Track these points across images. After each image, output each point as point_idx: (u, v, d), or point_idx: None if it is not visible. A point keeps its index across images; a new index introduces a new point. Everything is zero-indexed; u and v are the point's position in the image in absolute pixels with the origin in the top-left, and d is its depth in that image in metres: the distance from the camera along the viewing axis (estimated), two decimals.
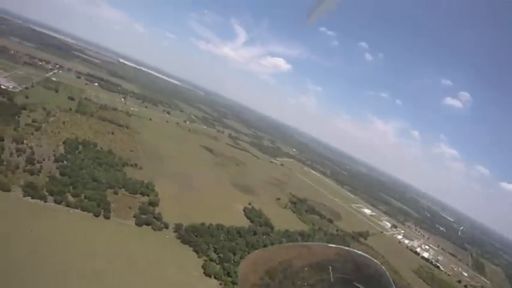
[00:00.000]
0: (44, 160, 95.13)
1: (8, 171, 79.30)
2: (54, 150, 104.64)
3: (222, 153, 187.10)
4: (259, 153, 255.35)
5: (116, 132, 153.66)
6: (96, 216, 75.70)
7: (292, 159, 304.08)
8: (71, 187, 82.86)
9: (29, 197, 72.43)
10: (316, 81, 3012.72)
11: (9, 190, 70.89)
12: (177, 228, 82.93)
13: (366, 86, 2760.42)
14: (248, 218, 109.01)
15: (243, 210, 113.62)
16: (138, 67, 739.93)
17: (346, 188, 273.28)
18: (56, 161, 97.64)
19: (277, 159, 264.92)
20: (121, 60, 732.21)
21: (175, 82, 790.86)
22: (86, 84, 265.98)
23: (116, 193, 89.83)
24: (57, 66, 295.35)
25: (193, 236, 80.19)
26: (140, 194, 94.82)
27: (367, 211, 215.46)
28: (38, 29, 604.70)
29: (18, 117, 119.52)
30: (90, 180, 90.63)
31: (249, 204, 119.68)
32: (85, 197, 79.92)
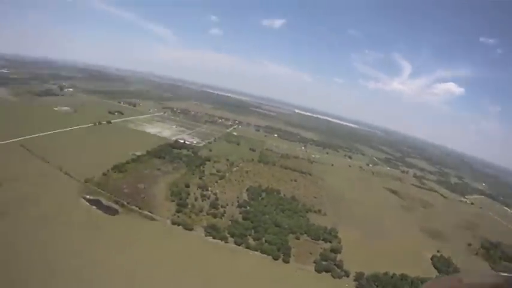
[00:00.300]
0: (227, 205, 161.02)
1: (192, 213, 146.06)
2: (237, 197, 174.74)
3: (407, 195, 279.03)
4: (446, 192, 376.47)
5: (298, 179, 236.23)
6: (275, 259, 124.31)
7: (482, 196, 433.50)
8: (253, 231, 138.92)
9: (210, 237, 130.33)
10: (493, 99, 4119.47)
11: (191, 229, 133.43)
12: (358, 277, 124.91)
13: None
14: (435, 267, 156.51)
15: (431, 259, 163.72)
16: (313, 115, 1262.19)
17: None
18: (239, 206, 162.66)
19: (466, 197, 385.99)
20: (296, 111, 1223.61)
21: (352, 125, 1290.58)
22: (265, 135, 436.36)
23: (297, 238, 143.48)
24: (236, 122, 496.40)
25: (374, 286, 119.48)
26: (323, 240, 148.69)
27: None
28: (212, 91, 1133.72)
29: (203, 167, 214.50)
30: (272, 225, 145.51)
31: (438, 251, 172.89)
32: (266, 241, 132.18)
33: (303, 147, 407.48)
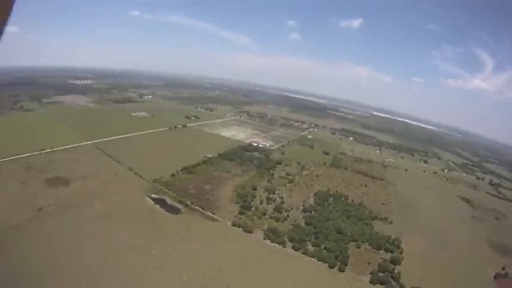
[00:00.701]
0: (291, 209, 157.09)
1: (254, 216, 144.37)
2: (303, 201, 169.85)
3: (480, 205, 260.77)
4: None
5: (369, 184, 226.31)
6: (331, 267, 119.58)
7: None
8: (313, 236, 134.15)
9: (268, 240, 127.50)
10: None
11: (251, 232, 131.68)
12: None
13: None
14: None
15: (494, 277, 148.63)
16: (391, 117, 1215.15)
17: None
18: (304, 211, 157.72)
19: None
20: (374, 113, 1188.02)
21: (430, 127, 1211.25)
22: (340, 139, 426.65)
23: (358, 247, 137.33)
24: (312, 125, 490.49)
25: None
26: (384, 250, 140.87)
27: None
28: (290, 95, 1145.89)
29: (273, 170, 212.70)
30: (334, 231, 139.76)
31: (503, 268, 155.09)
32: (325, 248, 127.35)
33: (377, 151, 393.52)
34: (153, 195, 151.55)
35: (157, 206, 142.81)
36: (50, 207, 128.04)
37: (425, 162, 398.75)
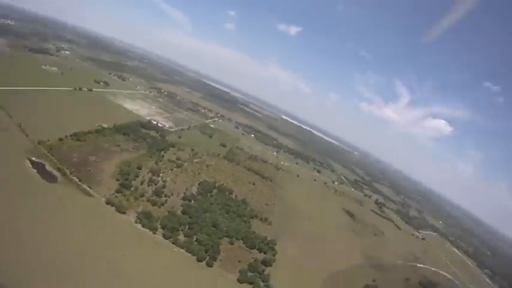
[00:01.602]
0: (172, 195, 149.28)
1: (131, 196, 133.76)
2: (186, 189, 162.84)
3: (362, 220, 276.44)
4: (402, 224, 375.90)
5: (257, 183, 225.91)
6: (199, 261, 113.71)
7: (435, 233, 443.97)
8: (187, 227, 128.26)
9: (140, 224, 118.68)
10: (477, 144, 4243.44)
11: (124, 213, 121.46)
12: None
13: None
14: None
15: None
16: (299, 124, 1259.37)
17: (486, 273, 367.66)
18: (184, 198, 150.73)
19: (419, 231, 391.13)
20: (283, 117, 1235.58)
21: (334, 142, 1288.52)
22: (242, 134, 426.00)
23: (231, 243, 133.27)
24: (219, 115, 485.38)
25: None
26: (257, 249, 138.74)
27: None
28: (208, 82, 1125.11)
29: (165, 152, 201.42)
30: (209, 224, 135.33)
31: (373, 280, 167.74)
32: (196, 240, 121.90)
33: (275, 153, 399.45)
34: (33, 158, 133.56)
35: (35, 170, 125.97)
36: None
37: (319, 172, 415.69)
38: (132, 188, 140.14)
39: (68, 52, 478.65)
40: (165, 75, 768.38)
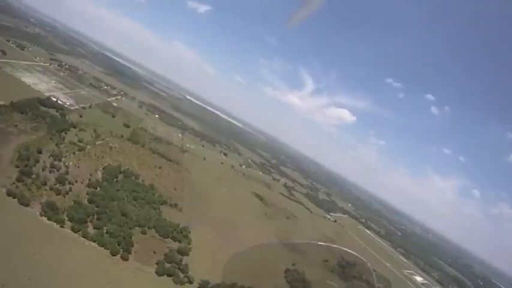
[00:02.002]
0: (76, 182, 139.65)
1: (33, 185, 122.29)
2: (90, 174, 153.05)
3: (273, 204, 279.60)
4: (313, 207, 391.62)
5: (164, 166, 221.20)
6: (113, 255, 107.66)
7: (346, 216, 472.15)
8: (95, 217, 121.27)
9: (45, 218, 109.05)
10: (379, 134, 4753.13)
11: (27, 205, 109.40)
12: (203, 285, 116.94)
13: (429, 140, 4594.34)
14: (288, 282, 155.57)
15: (284, 272, 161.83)
16: (203, 106, 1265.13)
17: (400, 251, 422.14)
18: (89, 186, 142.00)
19: (330, 214, 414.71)
20: (188, 97, 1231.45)
21: (238, 124, 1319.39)
22: (146, 114, 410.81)
23: (143, 233, 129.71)
24: (122, 93, 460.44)
25: None
26: (171, 238, 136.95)
27: (419, 279, 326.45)
28: (112, 56, 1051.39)
29: (66, 134, 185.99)
30: (119, 213, 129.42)
31: (293, 264, 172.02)
32: (107, 232, 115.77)
33: (180, 135, 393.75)
34: None
35: None
36: None
37: (225, 155, 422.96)
38: (34, 176, 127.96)
39: None
40: (67, 45, 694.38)
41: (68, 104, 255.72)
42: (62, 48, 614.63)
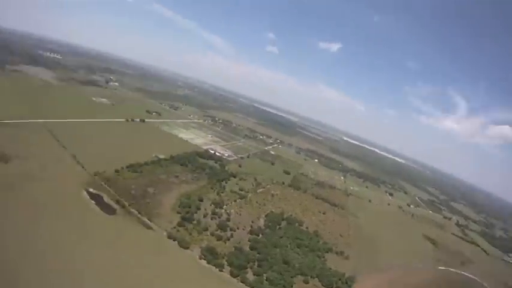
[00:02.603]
0: (237, 229, 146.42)
1: (194, 230, 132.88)
2: (252, 221, 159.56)
3: (446, 247, 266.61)
4: (489, 247, 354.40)
5: (328, 212, 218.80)
6: None
7: None
8: (256, 264, 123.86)
9: (205, 261, 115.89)
10: None
11: (187, 248, 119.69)
12: None
13: None
14: None
15: None
16: (360, 144, 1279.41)
17: None
18: (251, 232, 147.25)
19: (510, 255, 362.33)
20: (344, 138, 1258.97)
21: (399, 160, 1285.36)
22: (305, 159, 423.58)
23: (306, 282, 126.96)
24: (278, 141, 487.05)
25: None
26: None
27: None
28: (262, 107, 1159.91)
29: (226, 183, 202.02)
30: (280, 261, 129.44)
31: None
32: (267, 279, 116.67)
33: (342, 177, 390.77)
34: (91, 190, 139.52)
35: (93, 202, 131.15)
36: None
37: (391, 194, 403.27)
38: (195, 222, 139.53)
39: (116, 83, 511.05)
40: (217, 102, 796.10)
41: (226, 155, 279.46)
42: (213, 104, 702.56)
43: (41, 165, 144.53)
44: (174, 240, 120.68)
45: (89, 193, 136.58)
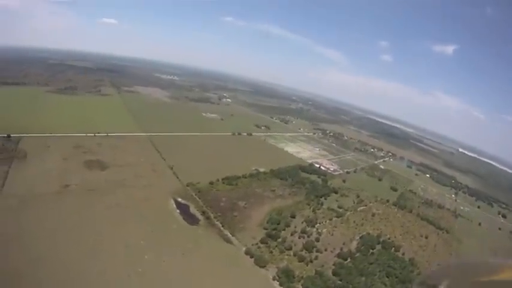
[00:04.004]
0: (325, 251, 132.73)
1: (276, 248, 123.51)
2: (344, 243, 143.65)
3: None
4: None
5: (431, 236, 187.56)
6: None
7: None
8: None
9: (277, 282, 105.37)
10: None
11: (263, 266, 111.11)
12: None
13: None
14: None
15: None
16: (478, 157, 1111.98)
17: None
18: (339, 256, 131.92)
19: None
20: (460, 150, 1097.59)
21: None
22: (416, 174, 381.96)
23: None
24: (389, 154, 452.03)
25: None
26: None
27: None
28: (376, 119, 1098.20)
29: (325, 199, 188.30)
30: None
31: None
32: None
33: (453, 195, 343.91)
34: (179, 199, 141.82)
35: (178, 211, 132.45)
36: (76, 186, 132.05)
37: (504, 217, 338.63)
38: (280, 239, 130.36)
39: (229, 100, 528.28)
40: (329, 115, 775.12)
41: (332, 169, 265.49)
42: (325, 118, 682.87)
43: (136, 174, 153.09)
44: (251, 257, 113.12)
45: (176, 202, 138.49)
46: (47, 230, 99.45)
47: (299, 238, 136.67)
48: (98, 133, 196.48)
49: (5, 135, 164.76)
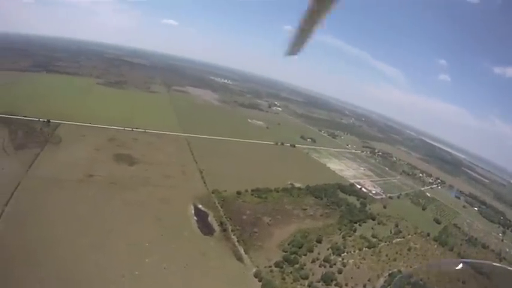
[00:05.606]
0: (345, 286, 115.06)
1: (291, 275, 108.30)
2: (369, 280, 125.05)
3: None
4: None
5: (469, 281, 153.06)
6: None
7: None
8: None
9: None
10: None
11: None
12: None
13: None
14: None
15: None
16: None
17: None
18: None
19: None
20: None
21: None
22: (463, 206, 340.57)
23: None
24: (439, 181, 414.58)
25: None
26: None
27: None
28: (429, 141, 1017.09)
29: (359, 225, 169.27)
30: None
31: None
32: None
33: (500, 234, 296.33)
34: (200, 206, 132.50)
35: (195, 218, 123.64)
36: (100, 177, 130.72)
37: None
38: (297, 265, 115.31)
39: (279, 108, 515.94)
40: (381, 133, 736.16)
41: (374, 192, 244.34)
42: (376, 136, 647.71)
43: (163, 173, 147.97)
44: (259, 281, 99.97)
45: (196, 208, 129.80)
46: (56, 214, 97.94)
47: (319, 267, 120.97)
48: (136, 128, 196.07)
49: (45, 120, 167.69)
